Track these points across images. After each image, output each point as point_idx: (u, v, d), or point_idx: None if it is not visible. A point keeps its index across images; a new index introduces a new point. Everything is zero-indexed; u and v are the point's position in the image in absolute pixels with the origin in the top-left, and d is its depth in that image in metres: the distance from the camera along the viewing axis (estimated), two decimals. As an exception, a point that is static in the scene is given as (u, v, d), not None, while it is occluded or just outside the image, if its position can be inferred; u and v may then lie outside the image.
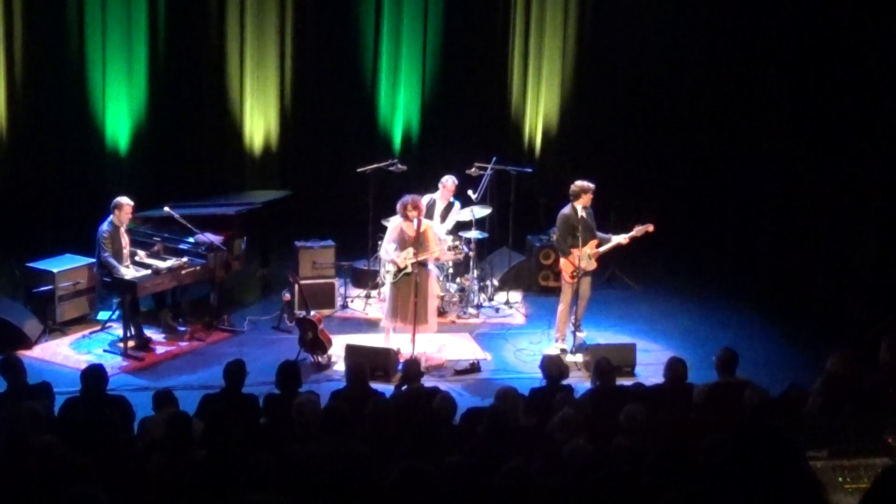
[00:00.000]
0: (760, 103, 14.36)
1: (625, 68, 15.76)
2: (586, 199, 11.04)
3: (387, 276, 10.90)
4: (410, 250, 10.68)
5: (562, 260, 11.28)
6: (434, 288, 11.18)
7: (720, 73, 15.30)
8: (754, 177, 14.40)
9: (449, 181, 12.30)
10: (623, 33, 15.59)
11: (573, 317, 11.28)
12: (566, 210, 11.11)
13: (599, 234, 11.23)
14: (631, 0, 15.46)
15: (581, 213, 11.02)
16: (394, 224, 10.90)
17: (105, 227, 10.82)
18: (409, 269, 10.68)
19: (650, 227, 11.08)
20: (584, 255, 11.02)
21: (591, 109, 16.11)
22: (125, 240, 11.03)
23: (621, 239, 11.18)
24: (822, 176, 12.53)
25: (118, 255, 10.84)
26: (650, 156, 15.96)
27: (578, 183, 11.07)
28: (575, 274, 11.05)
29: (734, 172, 15.00)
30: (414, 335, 10.63)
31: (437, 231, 11.80)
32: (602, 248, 11.18)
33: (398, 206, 10.78)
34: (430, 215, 12.29)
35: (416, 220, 10.64)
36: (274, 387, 8.07)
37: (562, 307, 11.35)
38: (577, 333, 11.27)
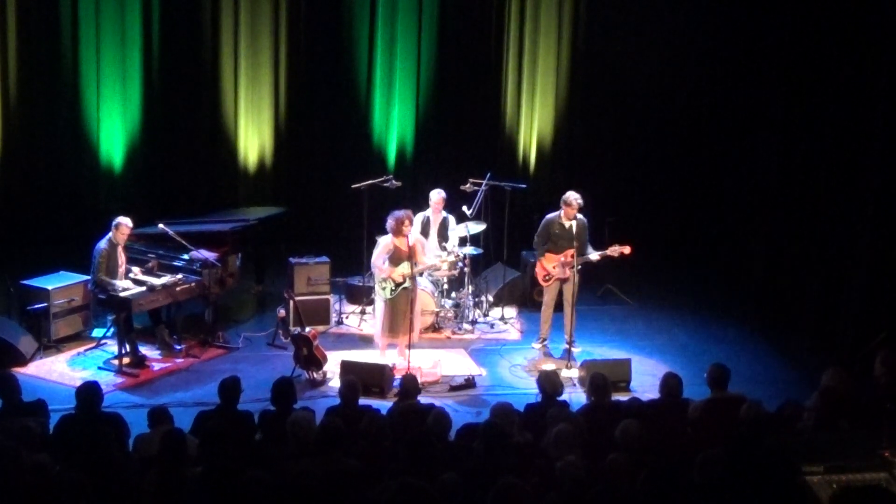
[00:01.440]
0: (753, 121, 14.38)
1: (618, 85, 15.81)
2: (567, 211, 11.26)
3: (382, 292, 10.89)
4: (407, 264, 10.72)
5: (537, 262, 11.59)
6: (425, 301, 11.26)
7: (712, 90, 15.34)
8: (748, 192, 14.42)
9: (435, 195, 12.33)
10: (617, 50, 15.63)
11: (566, 333, 11.38)
12: (550, 215, 11.46)
13: (590, 248, 11.29)
14: (624, 17, 15.51)
15: (564, 221, 11.25)
16: (384, 241, 10.91)
17: (102, 244, 10.80)
18: (407, 284, 10.73)
19: (626, 250, 11.21)
20: (558, 263, 11.24)
21: (585, 126, 16.14)
22: (122, 258, 11.01)
23: (594, 256, 11.29)
24: (816, 191, 12.55)
25: (113, 273, 10.82)
26: (644, 172, 16.01)
27: (566, 194, 11.29)
28: (546, 278, 11.43)
29: (728, 188, 15.03)
30: (409, 348, 10.68)
31: (433, 245, 11.90)
32: (577, 260, 11.25)
33: (391, 223, 10.77)
34: (426, 232, 12.33)
35: (409, 235, 10.74)
36: (269, 403, 8.07)
37: (544, 305, 11.70)
38: (572, 349, 11.31)
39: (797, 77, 13.04)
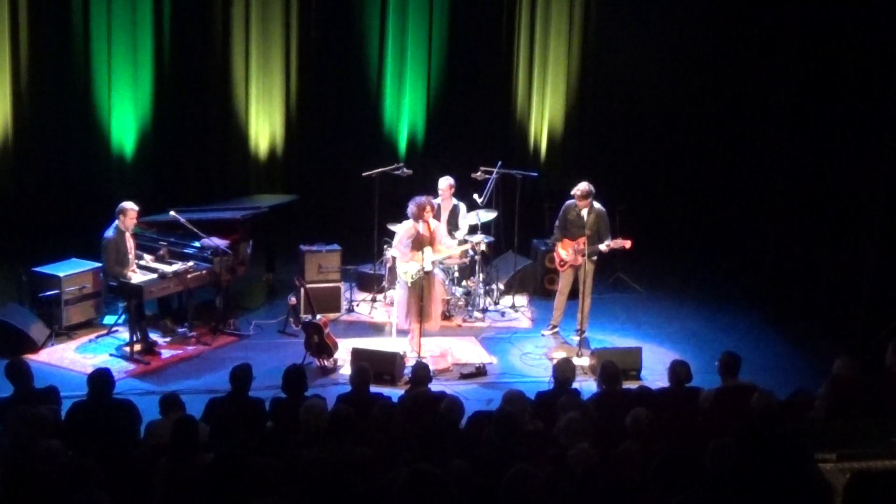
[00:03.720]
0: (762, 107, 14.34)
1: (629, 74, 15.72)
2: (578, 201, 11.30)
3: (404, 276, 10.89)
4: (429, 249, 10.76)
5: (554, 248, 11.77)
6: (439, 289, 11.32)
7: (722, 79, 15.30)
8: (759, 180, 14.39)
9: (443, 182, 12.31)
10: (627, 39, 15.56)
11: (578, 322, 11.38)
12: (569, 202, 11.51)
13: (609, 237, 11.27)
14: (636, 7, 15.45)
15: (579, 209, 11.29)
16: (406, 226, 10.94)
17: (110, 233, 10.80)
18: (430, 268, 10.77)
19: (627, 244, 11.23)
20: (571, 250, 11.36)
21: (596, 115, 16.09)
22: (131, 244, 11.02)
23: (603, 246, 11.26)
24: (827, 179, 12.51)
25: (124, 261, 10.83)
26: (654, 160, 15.96)
27: (578, 186, 11.35)
28: (561, 264, 11.57)
29: (738, 176, 15.00)
30: (420, 335, 10.72)
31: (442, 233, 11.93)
32: (587, 249, 11.26)
33: (413, 208, 10.81)
34: (436, 220, 12.32)
35: (430, 220, 10.84)
36: (280, 391, 8.08)
37: (558, 292, 11.81)
38: (581, 337, 11.34)
39: (806, 69, 13.01)
